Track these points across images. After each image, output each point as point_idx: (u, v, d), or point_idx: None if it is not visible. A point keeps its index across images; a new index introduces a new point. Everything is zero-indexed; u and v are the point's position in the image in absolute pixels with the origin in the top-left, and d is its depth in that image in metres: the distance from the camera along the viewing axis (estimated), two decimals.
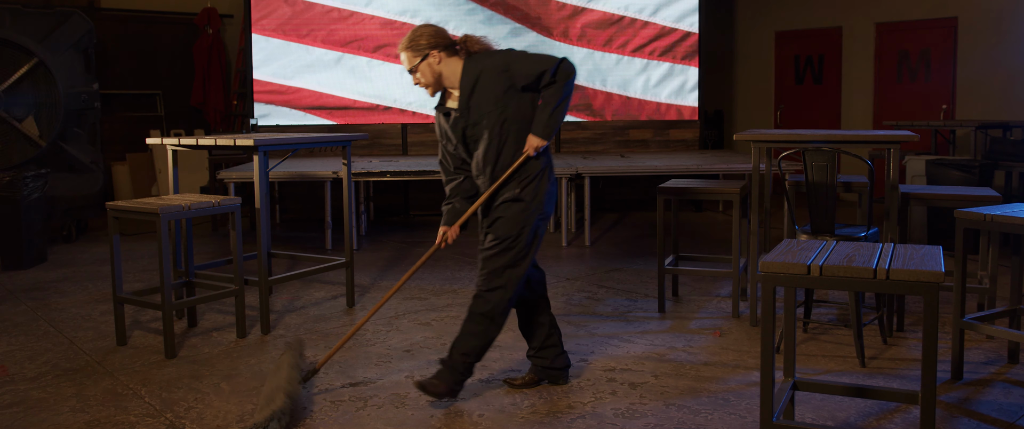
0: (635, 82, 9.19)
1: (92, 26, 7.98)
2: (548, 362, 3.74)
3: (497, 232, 3.47)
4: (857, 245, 3.10)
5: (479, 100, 3.44)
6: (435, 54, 3.47)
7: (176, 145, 4.84)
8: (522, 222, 3.45)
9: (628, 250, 7.14)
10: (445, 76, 3.51)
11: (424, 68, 3.49)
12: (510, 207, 3.47)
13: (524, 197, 3.46)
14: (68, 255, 7.16)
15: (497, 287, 3.47)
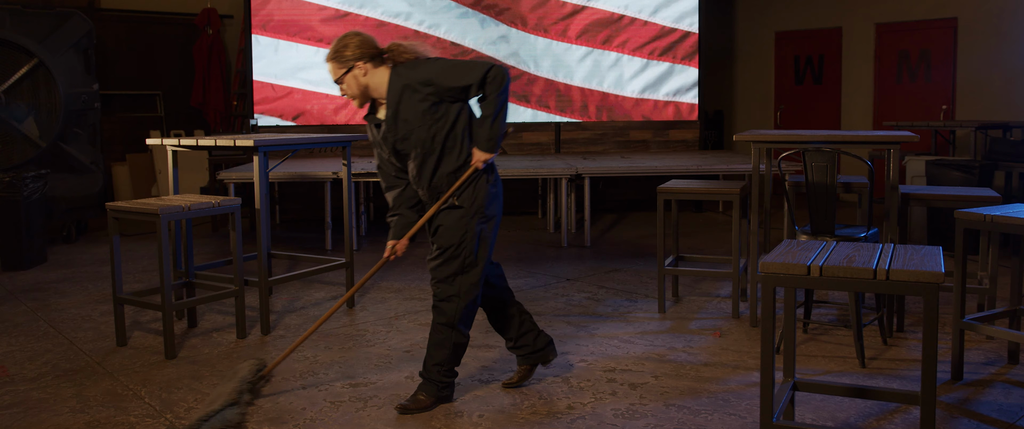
0: (634, 82, 9.19)
1: (92, 26, 7.98)
2: (531, 346, 3.73)
3: (440, 242, 3.44)
4: (857, 245, 3.10)
5: (406, 114, 3.37)
6: (360, 66, 3.41)
7: (176, 146, 4.84)
8: (463, 229, 3.41)
9: (628, 250, 7.14)
10: (372, 87, 3.45)
11: (349, 80, 3.43)
12: (449, 215, 3.43)
13: (462, 203, 3.41)
14: (68, 256, 7.16)
15: (451, 296, 3.44)
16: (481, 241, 3.45)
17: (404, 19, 8.88)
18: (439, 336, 3.50)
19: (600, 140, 9.31)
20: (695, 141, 9.42)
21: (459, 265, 3.42)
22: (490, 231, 3.50)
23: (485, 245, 3.48)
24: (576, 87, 9.11)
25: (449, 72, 3.34)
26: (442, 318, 3.47)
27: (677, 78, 9.23)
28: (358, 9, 8.83)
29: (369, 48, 3.43)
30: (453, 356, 3.53)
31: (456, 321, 3.47)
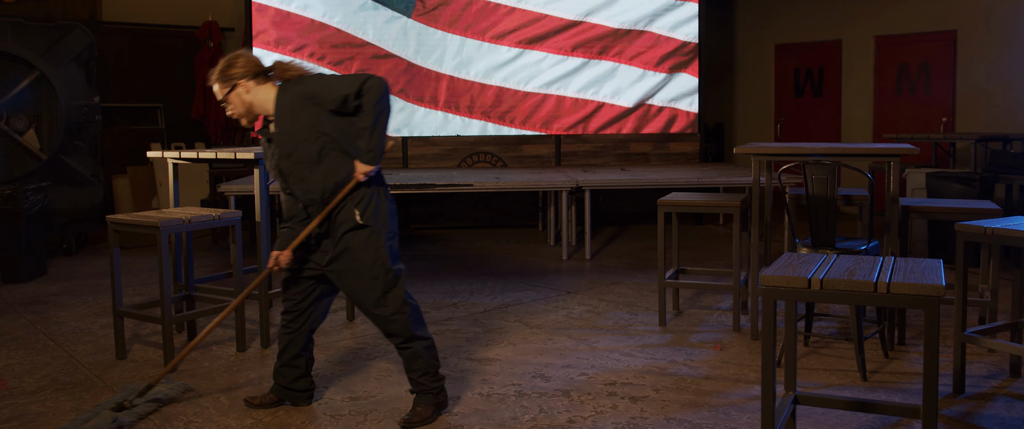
0: (635, 96, 9.20)
1: (94, 39, 8.00)
2: (287, 382, 3.70)
3: (353, 264, 3.44)
4: (858, 258, 3.09)
5: (292, 129, 3.39)
6: (243, 84, 3.44)
7: (177, 158, 4.84)
8: (374, 247, 3.42)
9: (629, 263, 7.13)
10: (256, 105, 3.48)
11: (234, 98, 3.46)
12: (357, 235, 3.43)
13: (367, 221, 3.42)
14: (68, 268, 7.16)
15: (393, 314, 3.45)
16: (392, 254, 3.48)
17: (400, 49, 8.91)
18: (408, 351, 3.51)
19: (600, 153, 9.32)
20: (695, 154, 9.43)
21: (384, 283, 3.43)
22: (396, 245, 3.52)
23: (395, 258, 3.51)
24: (580, 102, 9.12)
25: (329, 84, 3.38)
26: (398, 339, 3.49)
27: (677, 92, 9.24)
28: (357, 32, 8.84)
29: (254, 66, 3.47)
30: (431, 360, 3.54)
31: (411, 332, 3.48)
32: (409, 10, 8.91)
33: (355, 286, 3.47)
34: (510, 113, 9.08)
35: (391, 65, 8.92)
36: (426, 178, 7.53)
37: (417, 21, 8.93)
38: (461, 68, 8.99)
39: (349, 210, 3.44)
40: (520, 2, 9.02)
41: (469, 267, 7.01)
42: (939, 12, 9.46)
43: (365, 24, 8.88)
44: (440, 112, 9.02)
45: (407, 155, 9.08)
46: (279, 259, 3.51)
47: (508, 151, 9.19)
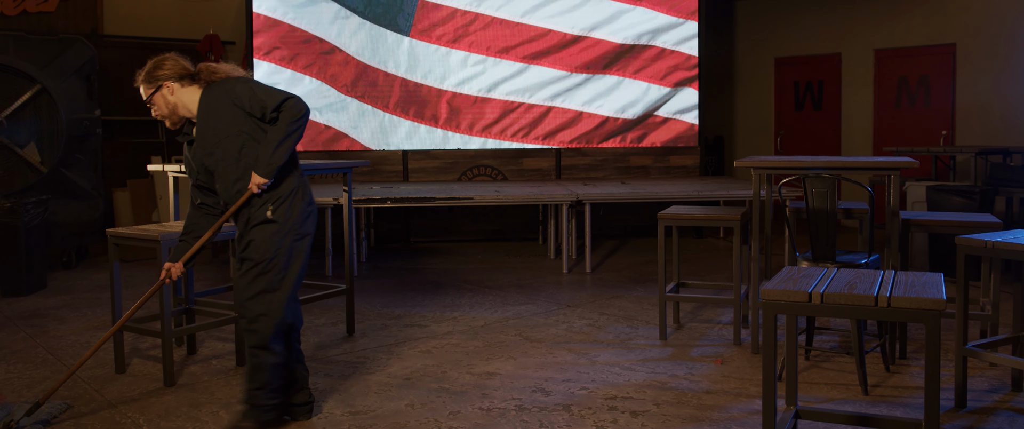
0: (635, 110, 9.21)
1: (95, 53, 8.02)
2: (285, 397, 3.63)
3: (251, 255, 3.42)
4: (858, 272, 3.09)
5: (214, 130, 3.41)
6: (168, 85, 3.46)
7: (177, 172, 4.84)
8: (276, 244, 3.40)
9: (629, 277, 7.12)
10: (181, 106, 3.49)
11: (158, 99, 3.48)
12: (263, 229, 3.42)
13: (277, 218, 3.41)
14: (68, 282, 7.15)
15: (259, 315, 3.41)
16: (294, 257, 3.45)
17: (402, 70, 8.93)
18: (255, 360, 3.45)
19: (601, 166, 9.32)
20: (695, 167, 9.44)
21: (269, 281, 3.40)
22: (304, 248, 3.48)
23: (298, 261, 3.47)
24: (580, 114, 9.14)
25: (253, 90, 3.40)
26: (254, 340, 3.43)
27: (677, 105, 9.26)
28: (348, 49, 8.87)
29: (180, 69, 3.49)
30: (273, 377, 3.47)
31: (268, 341, 3.41)
32: (408, 28, 8.93)
33: (242, 276, 3.43)
34: (512, 127, 9.08)
35: (390, 81, 8.94)
36: (426, 191, 7.54)
37: (416, 39, 8.94)
38: (462, 84, 9.01)
39: (263, 205, 3.42)
40: (523, 17, 9.05)
41: (469, 280, 7.00)
42: (938, 26, 9.48)
43: (362, 41, 8.89)
44: (439, 130, 9.02)
45: (407, 168, 9.08)
46: (171, 271, 3.51)
47: (508, 164, 9.19)
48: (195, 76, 3.51)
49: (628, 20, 9.14)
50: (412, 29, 8.94)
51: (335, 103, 8.90)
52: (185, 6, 10.36)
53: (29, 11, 9.56)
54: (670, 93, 9.25)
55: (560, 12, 9.07)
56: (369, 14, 8.90)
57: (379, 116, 8.95)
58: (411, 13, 8.94)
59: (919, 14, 9.65)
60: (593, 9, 9.10)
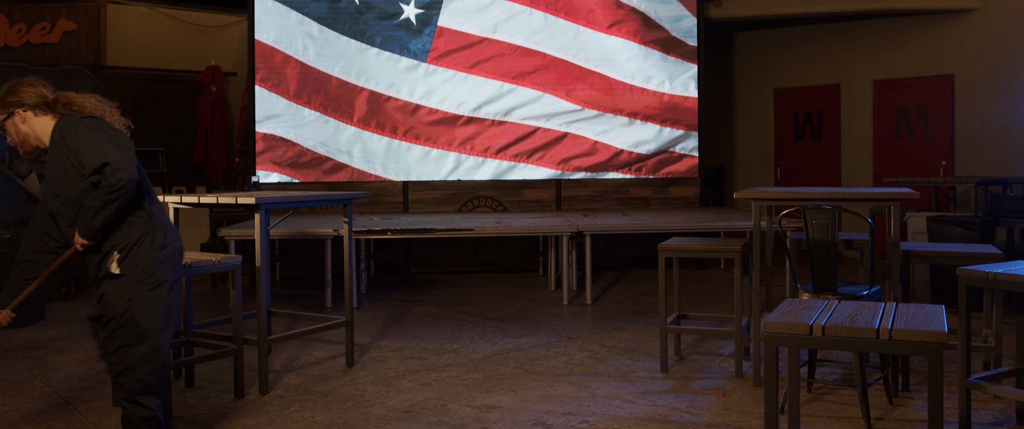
0: (635, 136, 9.24)
1: (97, 84, 8.07)
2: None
3: (104, 310, 3.30)
4: (859, 304, 3.08)
5: (60, 169, 3.25)
6: (20, 113, 3.31)
7: (178, 203, 4.84)
8: (127, 298, 3.25)
9: (630, 308, 7.10)
10: (32, 136, 3.34)
11: (9, 126, 3.33)
12: (111, 284, 3.28)
13: (124, 271, 3.27)
14: (66, 313, 7.12)
15: (124, 369, 3.26)
16: (150, 307, 3.28)
17: (395, 90, 8.97)
18: (125, 412, 3.31)
19: (601, 197, 9.33)
20: (696, 198, 9.44)
21: (128, 337, 3.25)
22: (162, 295, 3.32)
23: (158, 311, 3.31)
24: (577, 139, 9.17)
25: (78, 143, 3.18)
26: (122, 393, 3.29)
27: (677, 134, 9.28)
28: (355, 79, 8.92)
29: (36, 96, 3.32)
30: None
31: (135, 394, 3.26)
32: (424, 55, 9.01)
33: (103, 329, 3.32)
34: (523, 152, 9.12)
35: (396, 107, 8.97)
36: (427, 223, 7.53)
37: (432, 64, 9.01)
38: (476, 109, 9.06)
39: (107, 254, 3.29)
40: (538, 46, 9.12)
41: (469, 312, 6.98)
42: (936, 57, 9.54)
43: (365, 68, 8.93)
44: (453, 153, 9.06)
45: (408, 199, 9.09)
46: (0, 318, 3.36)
47: (509, 195, 9.20)
48: (52, 105, 3.33)
49: (629, 54, 9.20)
50: (429, 56, 9.00)
51: (337, 132, 8.92)
52: (187, 37, 10.44)
53: (33, 42, 9.65)
54: (671, 125, 9.28)
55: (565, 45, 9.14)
56: (377, 41, 8.95)
57: (386, 143, 8.96)
58: (428, 42, 9.00)
59: (917, 45, 9.71)
60: (595, 44, 9.17)
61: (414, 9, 8.99)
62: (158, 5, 10.38)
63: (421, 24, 9.00)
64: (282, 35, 8.85)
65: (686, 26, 9.30)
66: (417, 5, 9.00)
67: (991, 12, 9.14)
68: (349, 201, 5.22)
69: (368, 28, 8.92)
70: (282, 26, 8.83)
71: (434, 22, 9.02)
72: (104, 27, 9.93)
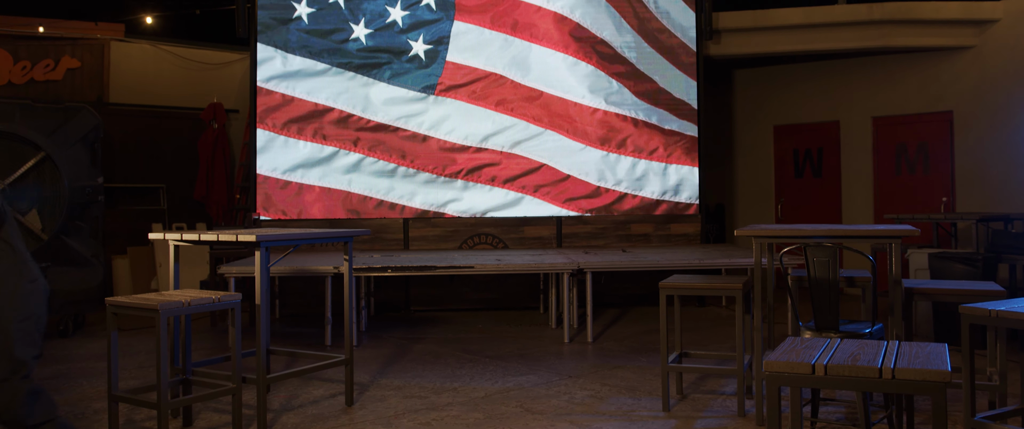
0: (635, 174, 9.26)
1: (100, 121, 8.10)
2: None
3: None
4: (862, 343, 3.06)
5: None
6: None
7: (179, 240, 4.84)
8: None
9: (631, 346, 7.05)
10: None
11: None
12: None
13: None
14: (63, 351, 7.08)
15: (3, 406, 3.25)
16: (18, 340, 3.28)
17: (404, 121, 9.01)
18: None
19: (601, 234, 9.32)
20: (696, 235, 9.43)
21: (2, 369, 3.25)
22: (31, 329, 3.32)
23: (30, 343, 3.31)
24: (581, 180, 9.19)
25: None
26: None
27: (677, 171, 9.30)
28: (363, 112, 8.97)
29: None
30: None
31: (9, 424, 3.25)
32: (432, 88, 9.07)
33: None
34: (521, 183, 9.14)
35: (400, 139, 9.00)
36: (427, 260, 7.52)
37: (441, 96, 9.07)
38: (484, 141, 9.10)
39: None
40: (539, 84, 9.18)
41: (470, 350, 6.93)
42: (934, 93, 9.59)
43: (366, 109, 8.98)
44: (459, 180, 9.08)
45: (408, 236, 9.08)
46: None
47: (509, 232, 9.20)
48: None
49: (629, 94, 9.27)
50: (437, 88, 9.06)
51: (343, 165, 8.94)
52: (190, 75, 10.51)
53: (37, 80, 9.71)
54: (672, 158, 9.31)
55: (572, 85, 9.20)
56: (385, 76, 9.01)
57: (394, 175, 8.98)
58: (437, 74, 9.07)
59: (915, 82, 9.77)
60: (600, 82, 9.23)
61: (423, 45, 9.07)
62: (161, 43, 10.47)
63: (429, 59, 9.07)
64: (284, 71, 8.90)
65: (687, 63, 9.37)
66: (425, 41, 9.08)
67: (988, 49, 9.21)
68: (349, 238, 5.22)
69: (376, 64, 8.99)
70: (284, 63, 8.88)
71: (442, 58, 9.09)
72: (108, 64, 10.00)
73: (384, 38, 9.04)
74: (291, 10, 8.91)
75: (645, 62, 9.33)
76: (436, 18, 9.12)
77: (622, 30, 9.32)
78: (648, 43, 9.34)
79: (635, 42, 9.33)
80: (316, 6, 8.95)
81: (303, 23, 8.93)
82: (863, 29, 9.44)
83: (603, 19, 9.31)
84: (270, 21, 8.88)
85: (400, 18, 9.08)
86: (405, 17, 9.08)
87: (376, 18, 9.05)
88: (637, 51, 9.33)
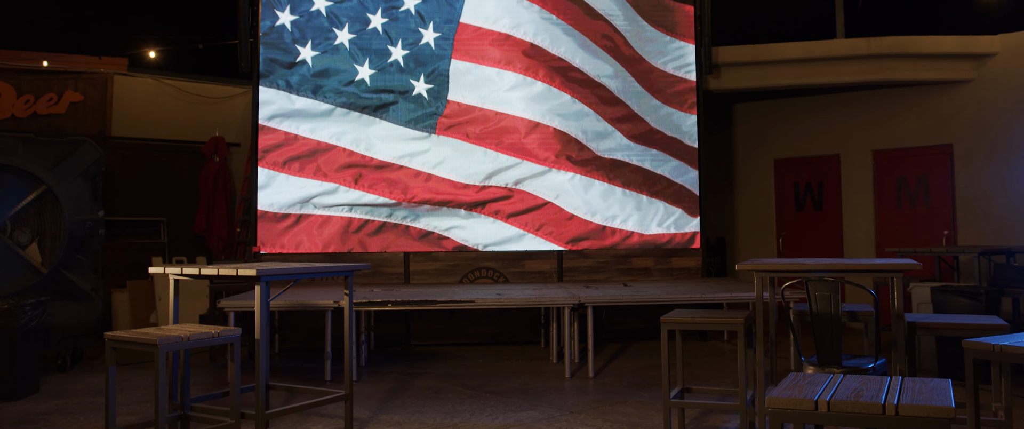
0: (638, 209, 9.26)
1: (102, 155, 8.12)
2: None
3: None
4: (865, 378, 3.03)
5: None
6: None
7: (179, 275, 4.83)
8: None
9: (633, 381, 7.01)
10: None
11: None
12: None
13: None
14: (61, 386, 7.04)
15: None
16: None
17: (408, 160, 9.04)
18: None
19: (602, 268, 9.30)
20: (698, 268, 9.41)
21: None
22: None
23: None
24: (579, 216, 9.19)
25: None
26: None
27: (678, 207, 9.31)
28: (366, 151, 9.00)
29: None
30: None
31: None
32: (432, 128, 9.11)
33: None
34: (523, 221, 9.13)
35: (402, 176, 9.01)
36: (427, 294, 7.49)
37: (442, 136, 9.10)
38: (487, 179, 9.12)
39: None
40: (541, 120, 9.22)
41: (470, 385, 6.89)
42: (933, 127, 9.62)
43: (370, 147, 9.00)
44: (466, 211, 9.08)
45: (408, 271, 9.06)
46: None
47: (510, 266, 9.17)
48: None
49: (627, 131, 9.31)
50: (437, 127, 9.09)
51: (344, 201, 8.94)
52: (191, 109, 10.56)
53: (40, 113, 9.76)
54: (673, 194, 9.32)
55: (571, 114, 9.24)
56: (388, 114, 9.05)
57: (394, 212, 8.99)
58: (440, 110, 9.11)
59: (915, 116, 9.80)
60: (594, 118, 9.27)
61: (425, 84, 9.12)
62: (164, 77, 10.53)
63: (431, 98, 9.11)
64: (286, 107, 8.94)
65: (688, 101, 9.41)
66: (427, 80, 9.13)
67: (986, 83, 9.25)
68: (350, 273, 5.21)
69: (380, 104, 9.03)
70: (288, 102, 8.93)
71: (444, 96, 9.14)
72: (110, 98, 10.05)
73: (387, 77, 9.09)
74: (295, 53, 8.97)
75: (645, 98, 9.37)
76: (437, 56, 9.18)
77: (620, 65, 9.37)
78: (648, 78, 9.38)
79: (634, 78, 9.38)
80: (320, 49, 9.01)
81: (307, 66, 8.99)
82: (862, 63, 9.49)
83: (601, 59, 9.36)
84: (273, 64, 8.93)
85: (401, 57, 9.14)
86: (406, 56, 9.14)
87: (379, 58, 9.11)
88: (637, 86, 9.37)
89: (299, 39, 9.00)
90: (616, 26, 9.41)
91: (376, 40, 9.13)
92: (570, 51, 9.32)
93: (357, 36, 9.09)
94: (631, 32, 9.43)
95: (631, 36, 9.43)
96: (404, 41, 9.16)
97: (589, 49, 9.36)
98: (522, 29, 9.29)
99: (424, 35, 9.17)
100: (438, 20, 9.20)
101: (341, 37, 9.06)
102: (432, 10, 9.20)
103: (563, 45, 9.32)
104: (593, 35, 9.38)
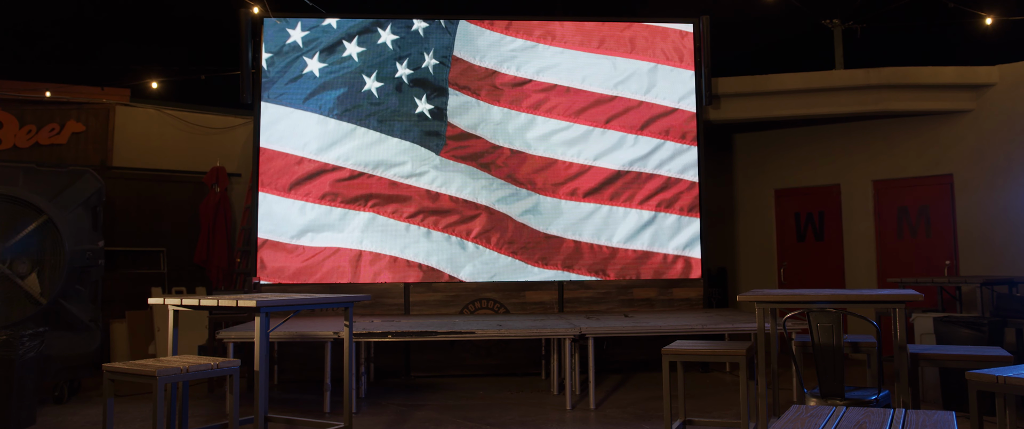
0: (639, 239, 9.25)
1: (102, 185, 8.12)
2: None
3: None
4: (867, 411, 3.00)
5: None
6: None
7: (178, 305, 4.81)
8: None
9: (635, 413, 6.95)
10: None
11: None
12: None
13: None
14: (58, 417, 6.98)
15: None
16: None
17: (415, 179, 9.04)
18: None
19: (603, 299, 9.27)
20: (699, 299, 9.37)
21: None
22: None
23: None
24: (585, 243, 9.17)
25: None
26: None
27: (679, 239, 9.29)
28: (372, 170, 9.01)
29: None
30: None
31: None
32: (438, 147, 9.14)
33: None
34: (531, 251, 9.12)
35: (404, 204, 9.01)
36: (428, 325, 7.46)
37: (446, 158, 9.12)
38: (493, 202, 9.13)
39: None
40: (540, 151, 9.23)
41: (471, 417, 6.83)
42: (933, 157, 9.63)
43: (377, 167, 9.02)
44: (470, 243, 9.07)
45: (409, 301, 9.03)
46: None
47: (510, 297, 9.14)
48: None
49: (626, 154, 9.33)
50: (442, 149, 9.12)
51: (346, 226, 8.93)
52: (193, 139, 10.59)
53: (42, 143, 9.78)
54: (676, 223, 9.31)
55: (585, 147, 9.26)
56: (396, 131, 9.09)
57: (404, 234, 8.98)
58: (442, 132, 9.14)
59: (915, 146, 9.82)
60: (601, 141, 9.29)
61: (426, 105, 9.17)
62: (166, 107, 10.57)
63: (435, 118, 9.16)
64: (288, 135, 8.96)
65: (689, 130, 9.44)
66: (428, 102, 9.17)
67: (986, 113, 9.28)
68: (350, 304, 5.18)
69: (385, 122, 9.08)
70: (291, 124, 8.95)
71: (445, 119, 9.18)
72: (112, 128, 10.08)
73: (391, 96, 9.14)
74: (302, 65, 9.05)
75: (645, 128, 9.40)
76: (438, 80, 9.23)
77: (620, 92, 9.41)
78: (648, 108, 9.41)
79: (634, 107, 9.41)
80: (328, 61, 9.09)
81: (314, 77, 9.06)
82: (861, 94, 9.53)
83: (602, 79, 9.40)
84: (277, 78, 8.99)
85: (405, 76, 9.19)
86: (410, 75, 9.20)
87: (385, 75, 9.19)
88: (636, 117, 9.40)
89: (307, 53, 9.09)
90: (615, 55, 9.46)
91: (386, 55, 9.22)
92: (570, 78, 9.35)
93: (366, 49, 9.18)
94: (630, 60, 9.47)
95: (630, 64, 9.47)
96: (410, 61, 9.23)
97: (588, 75, 9.39)
98: (519, 59, 9.34)
99: (425, 59, 9.24)
100: (438, 47, 9.27)
101: (350, 49, 9.15)
102: (432, 35, 9.27)
103: (564, 74, 9.37)
104: (592, 64, 9.42)
